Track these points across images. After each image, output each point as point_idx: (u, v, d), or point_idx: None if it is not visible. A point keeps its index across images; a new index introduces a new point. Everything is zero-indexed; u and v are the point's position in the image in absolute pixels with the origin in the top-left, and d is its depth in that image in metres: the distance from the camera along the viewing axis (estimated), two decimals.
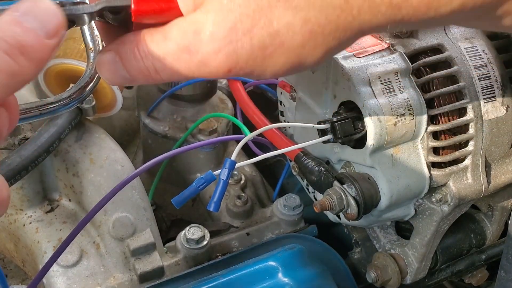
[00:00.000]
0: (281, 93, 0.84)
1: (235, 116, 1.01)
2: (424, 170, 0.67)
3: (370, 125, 0.64)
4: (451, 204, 0.69)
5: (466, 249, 0.81)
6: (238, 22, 0.37)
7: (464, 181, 0.70)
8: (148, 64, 0.40)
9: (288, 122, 0.83)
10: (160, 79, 0.41)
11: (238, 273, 0.69)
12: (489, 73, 0.70)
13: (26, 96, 0.88)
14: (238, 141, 0.64)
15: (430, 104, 0.67)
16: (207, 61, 0.38)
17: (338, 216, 0.75)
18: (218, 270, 0.74)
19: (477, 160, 0.70)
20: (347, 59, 0.66)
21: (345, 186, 0.67)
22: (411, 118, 0.65)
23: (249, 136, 0.60)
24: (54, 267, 0.76)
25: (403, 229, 0.81)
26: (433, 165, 0.68)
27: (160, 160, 0.67)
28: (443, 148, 0.69)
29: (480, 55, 0.70)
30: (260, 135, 0.70)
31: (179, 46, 0.38)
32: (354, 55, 0.66)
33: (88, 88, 0.71)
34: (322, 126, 0.66)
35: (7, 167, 0.72)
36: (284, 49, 0.38)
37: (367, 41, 0.69)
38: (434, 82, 0.68)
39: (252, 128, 0.76)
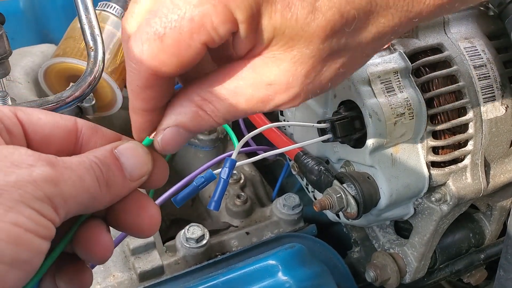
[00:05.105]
0: None
1: None
2: (423, 169, 0.68)
3: (370, 124, 0.64)
4: (451, 203, 0.69)
5: (465, 248, 0.81)
6: (311, 70, 0.36)
7: (463, 181, 0.70)
8: (217, 118, 0.38)
9: (288, 121, 0.83)
10: (226, 122, 0.40)
11: (238, 272, 0.69)
12: (488, 73, 0.70)
13: (26, 94, 0.88)
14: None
15: (429, 103, 0.67)
16: (280, 104, 0.38)
17: (338, 216, 0.75)
18: (218, 269, 0.74)
19: (477, 159, 0.70)
20: None
21: (344, 185, 0.67)
22: (411, 117, 0.65)
23: (249, 135, 0.60)
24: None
25: (402, 229, 0.81)
26: (433, 164, 0.69)
27: None
28: (443, 147, 0.69)
29: (480, 55, 0.70)
30: (258, 138, 0.70)
31: (253, 100, 0.37)
32: None
33: (88, 87, 0.71)
34: (322, 125, 0.66)
35: None
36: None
37: None
38: (434, 82, 0.68)
39: (252, 127, 0.76)
